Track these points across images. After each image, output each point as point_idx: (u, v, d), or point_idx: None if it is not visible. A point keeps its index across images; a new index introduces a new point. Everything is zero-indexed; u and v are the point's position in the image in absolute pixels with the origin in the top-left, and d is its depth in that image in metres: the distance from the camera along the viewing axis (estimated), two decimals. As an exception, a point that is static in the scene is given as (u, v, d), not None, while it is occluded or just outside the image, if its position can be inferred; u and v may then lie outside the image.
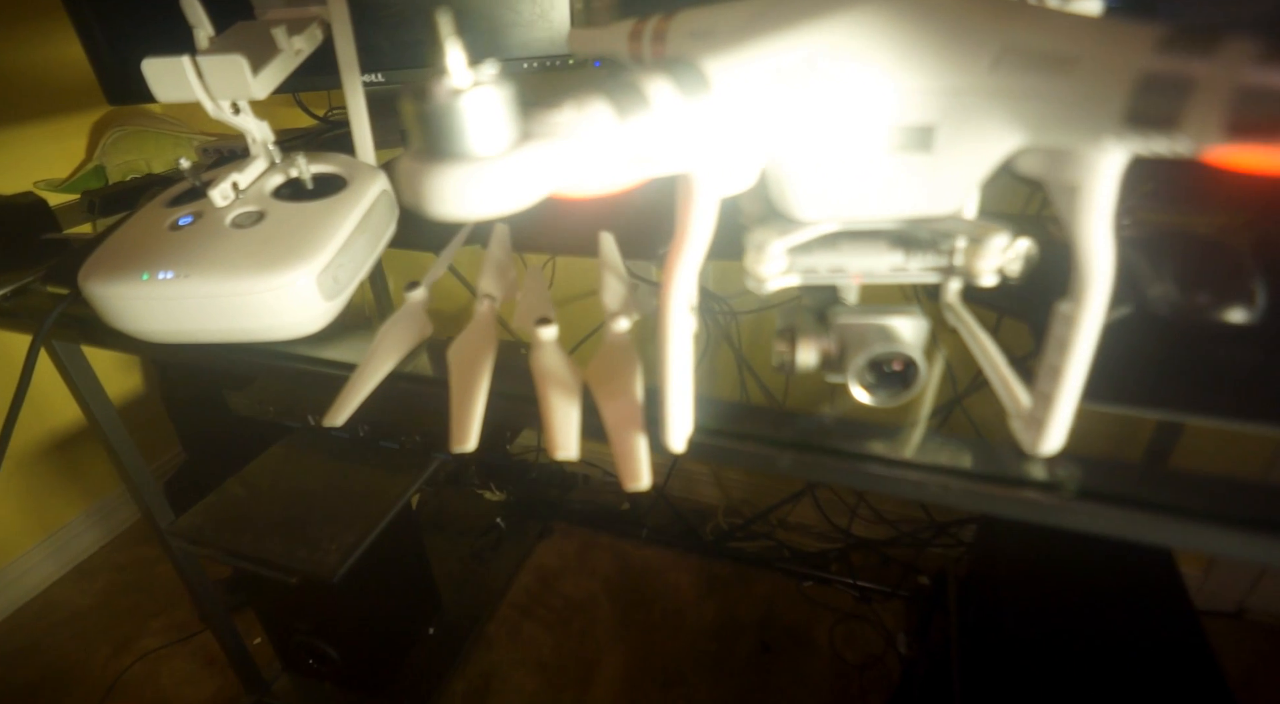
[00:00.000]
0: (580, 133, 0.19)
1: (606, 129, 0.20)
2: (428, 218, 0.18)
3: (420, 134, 0.17)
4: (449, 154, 0.17)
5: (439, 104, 0.17)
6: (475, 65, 0.18)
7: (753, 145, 0.24)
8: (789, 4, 0.25)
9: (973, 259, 0.26)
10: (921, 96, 0.23)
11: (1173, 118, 0.19)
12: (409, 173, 0.18)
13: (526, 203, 0.19)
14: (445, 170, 0.17)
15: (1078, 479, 0.29)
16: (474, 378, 0.36)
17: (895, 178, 0.25)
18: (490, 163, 0.18)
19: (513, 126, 0.18)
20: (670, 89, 0.21)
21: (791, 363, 0.31)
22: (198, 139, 1.29)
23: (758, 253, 0.27)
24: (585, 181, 0.20)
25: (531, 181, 0.18)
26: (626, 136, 0.20)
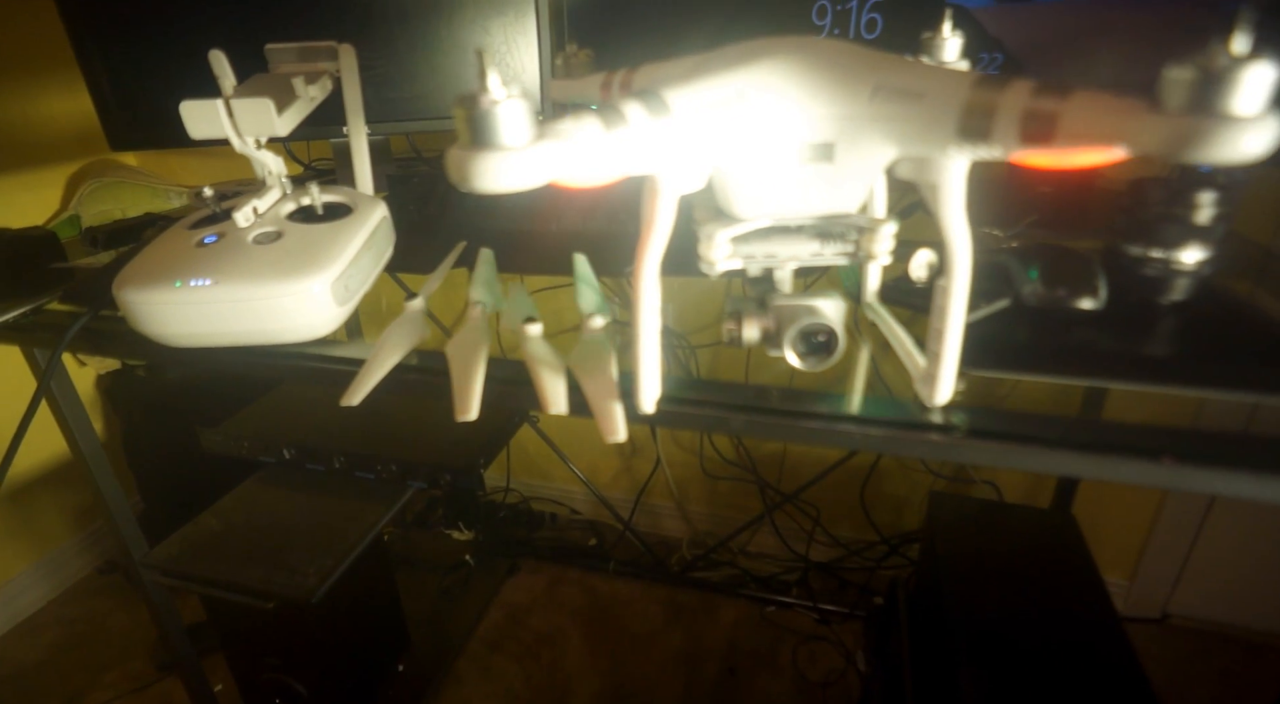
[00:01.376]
0: (577, 137, 0.27)
1: (596, 136, 0.27)
2: (471, 191, 0.25)
3: (467, 131, 0.25)
4: (487, 145, 0.25)
5: (482, 110, 0.24)
6: (506, 85, 0.25)
7: (702, 155, 0.32)
8: (726, 55, 0.34)
9: (870, 244, 0.34)
10: (823, 121, 0.32)
11: (987, 132, 0.27)
12: (459, 160, 0.25)
13: (538, 183, 0.26)
14: (485, 156, 0.24)
15: (967, 422, 0.36)
16: (471, 360, 0.43)
17: (809, 183, 0.34)
18: (515, 153, 0.25)
19: (530, 129, 0.26)
20: (641, 111, 0.29)
21: (739, 338, 0.39)
22: (174, 190, 1.34)
23: (708, 241, 0.34)
24: (579, 174, 0.28)
25: (542, 169, 0.26)
26: (610, 143, 0.28)
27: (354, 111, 0.56)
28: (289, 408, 1.05)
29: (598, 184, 0.29)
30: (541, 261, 0.60)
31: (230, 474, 1.02)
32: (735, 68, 0.31)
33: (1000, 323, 0.45)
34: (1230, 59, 0.22)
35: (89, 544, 1.44)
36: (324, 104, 0.85)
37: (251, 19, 0.80)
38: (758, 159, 0.33)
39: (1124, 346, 0.42)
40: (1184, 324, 0.44)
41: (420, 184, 0.77)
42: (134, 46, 0.77)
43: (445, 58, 0.85)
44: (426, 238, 0.65)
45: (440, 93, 0.86)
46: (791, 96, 0.31)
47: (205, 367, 0.49)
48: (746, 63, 0.32)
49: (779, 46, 0.32)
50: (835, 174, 0.33)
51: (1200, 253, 0.44)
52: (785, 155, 0.33)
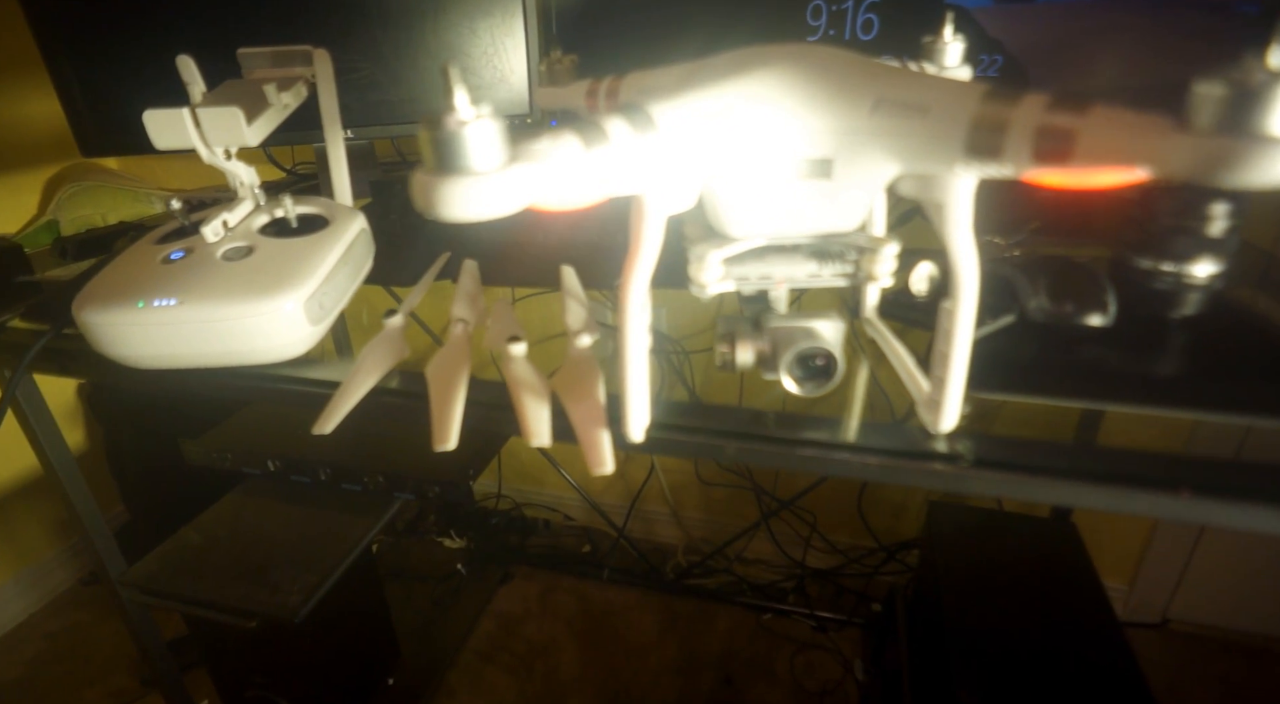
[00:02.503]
0: (555, 158, 0.25)
1: (575, 156, 0.25)
2: (439, 219, 0.23)
3: (433, 154, 0.22)
4: (455, 170, 0.22)
5: (449, 132, 0.22)
6: (476, 103, 0.23)
7: (691, 173, 0.30)
8: (716, 65, 0.31)
9: (870, 265, 0.32)
10: (820, 135, 0.30)
11: (997, 149, 0.25)
12: (424, 185, 0.22)
13: (512, 210, 0.24)
14: (452, 182, 0.22)
15: (973, 451, 0.34)
16: (451, 386, 0.40)
17: (806, 200, 0.32)
18: (486, 177, 0.23)
19: (503, 150, 0.23)
20: (625, 127, 0.26)
21: (732, 362, 0.37)
22: (155, 194, 1.31)
23: (699, 262, 0.32)
24: (558, 197, 0.25)
25: (516, 193, 0.24)
26: (591, 163, 0.25)
27: (330, 118, 0.54)
28: (274, 418, 1.02)
29: (579, 207, 0.27)
30: (528, 274, 0.58)
31: (216, 483, 1.00)
32: (726, 79, 0.29)
33: (1005, 340, 0.43)
34: (1267, 74, 0.20)
35: (72, 555, 1.42)
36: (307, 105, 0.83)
37: (229, 21, 0.78)
38: (751, 176, 0.31)
39: (1136, 366, 0.40)
40: (1197, 341, 0.42)
41: (404, 190, 0.74)
42: (105, 48, 0.74)
43: (431, 60, 0.82)
44: (409, 248, 0.62)
45: (426, 96, 0.84)
46: (787, 109, 0.29)
47: (172, 388, 0.47)
48: (738, 73, 0.29)
49: (773, 56, 0.30)
50: (833, 191, 0.31)
51: (1213, 266, 0.42)
52: (780, 171, 0.31)
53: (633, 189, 0.28)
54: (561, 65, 0.46)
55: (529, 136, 0.25)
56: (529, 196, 0.24)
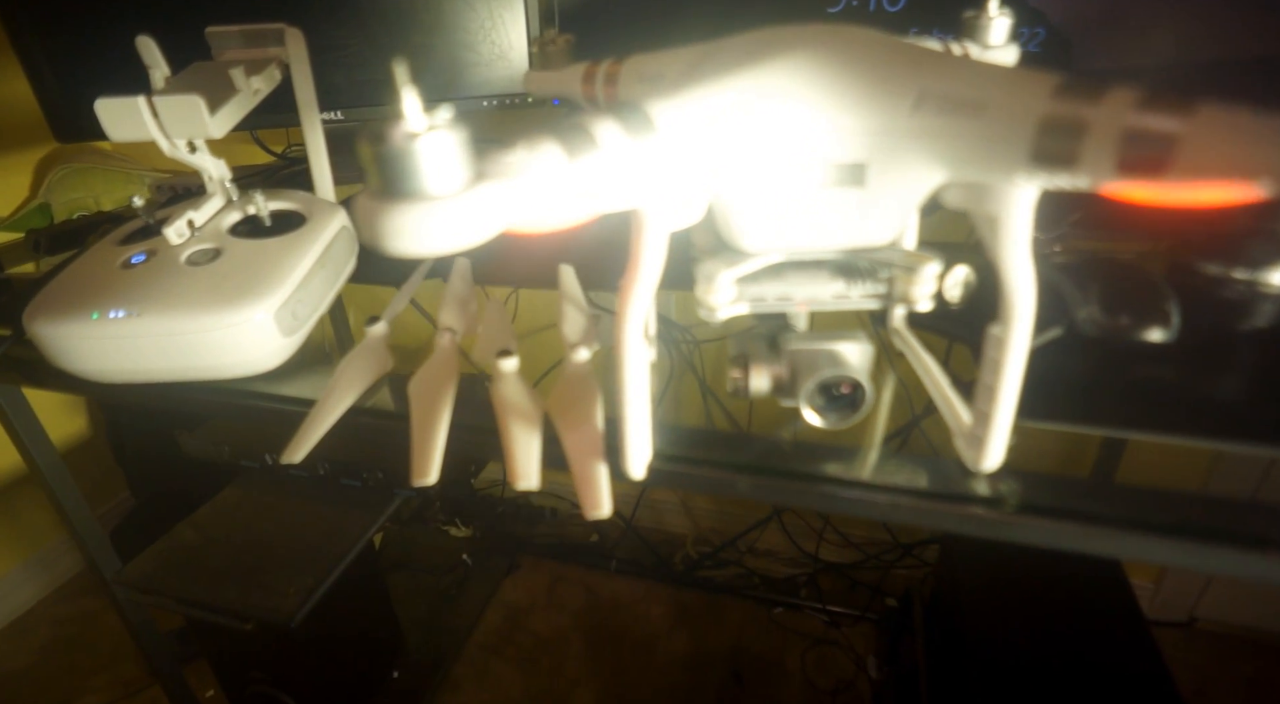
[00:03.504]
0: (532, 172, 0.20)
1: (557, 168, 0.21)
2: (386, 255, 0.19)
3: (377, 175, 0.18)
4: (405, 194, 0.18)
5: (395, 147, 0.18)
6: (431, 109, 0.19)
7: (697, 182, 0.25)
8: (728, 51, 0.27)
9: (908, 286, 0.28)
10: (851, 136, 0.25)
11: (1071, 157, 0.21)
12: (367, 212, 0.18)
13: (480, 240, 0.19)
14: (402, 209, 0.18)
15: (1019, 494, 0.30)
16: (435, 411, 0.37)
17: (833, 211, 0.27)
18: (444, 202, 0.18)
19: (466, 167, 0.19)
20: (617, 130, 0.22)
21: (745, 388, 0.32)
22: (149, 176, 1.27)
23: (707, 283, 0.28)
24: (537, 218, 0.21)
25: (485, 219, 0.19)
26: (576, 175, 0.21)
27: (306, 104, 0.50)
28: (271, 410, 0.99)
29: (563, 228, 0.22)
30: (524, 273, 0.54)
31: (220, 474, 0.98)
32: (739, 68, 0.25)
33: (1051, 356, 0.38)
34: None
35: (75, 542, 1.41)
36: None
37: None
38: (769, 184, 0.26)
39: (1205, 390, 0.35)
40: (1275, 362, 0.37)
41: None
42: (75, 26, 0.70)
43: (425, 35, 0.77)
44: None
45: (421, 73, 0.79)
46: (812, 106, 0.25)
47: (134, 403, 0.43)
48: (753, 61, 0.25)
49: (794, 39, 0.25)
50: (866, 201, 0.26)
51: (1292, 274, 0.37)
52: (804, 178, 0.26)
53: (629, 204, 0.24)
54: (555, 46, 0.41)
55: (500, 147, 0.21)
56: (500, 222, 0.20)
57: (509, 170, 0.20)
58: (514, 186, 0.20)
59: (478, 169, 0.19)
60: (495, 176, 0.20)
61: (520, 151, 0.20)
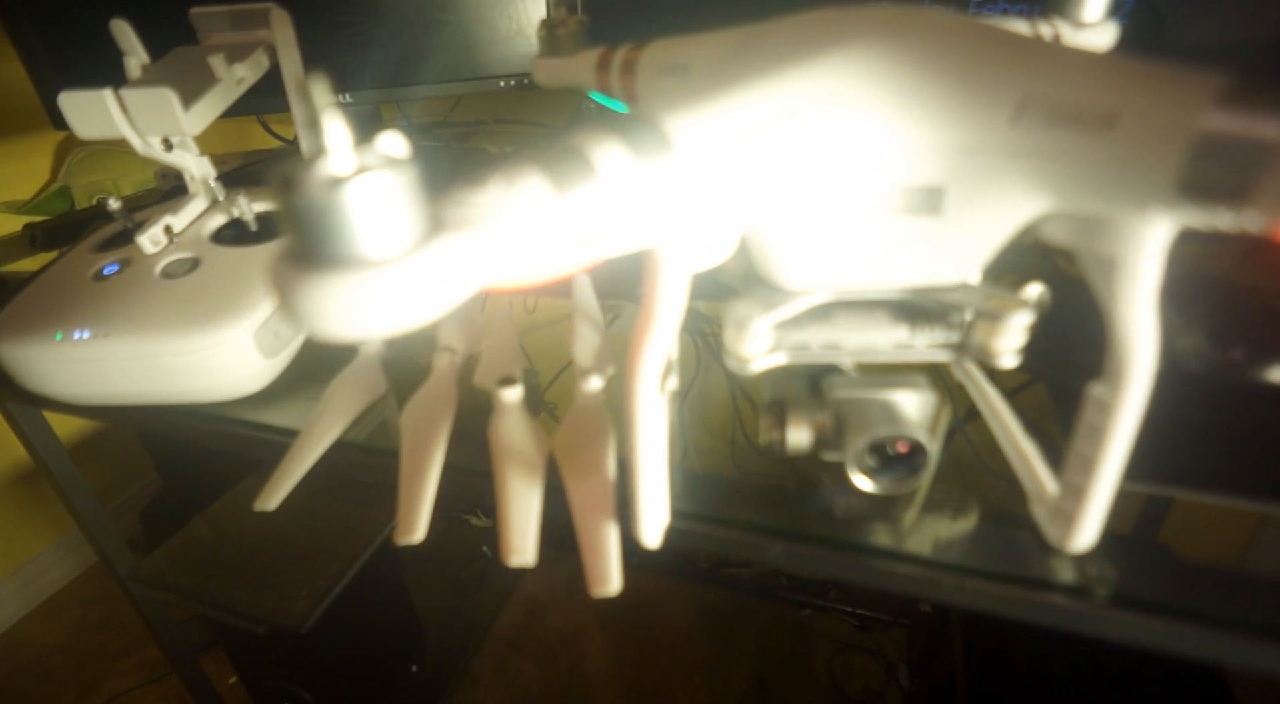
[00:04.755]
0: (508, 216, 0.15)
1: (542, 207, 0.16)
2: (318, 338, 0.14)
3: (293, 234, 0.13)
4: (330, 260, 0.13)
5: (314, 198, 0.13)
6: (369, 140, 0.14)
7: (728, 211, 0.20)
8: (769, 41, 0.21)
9: (989, 337, 0.22)
10: (927, 154, 0.19)
11: (1240, 189, 0.15)
12: (283, 283, 0.14)
13: (440, 311, 0.15)
14: (326, 281, 0.13)
15: (1112, 582, 0.25)
16: (426, 452, 0.32)
17: (897, 243, 0.22)
18: (387, 268, 0.14)
19: (418, 217, 0.14)
20: (621, 152, 0.17)
21: (782, 442, 0.27)
22: (168, 157, 1.24)
23: (739, 331, 0.23)
24: (518, 273, 0.16)
25: (445, 285, 0.14)
26: (568, 214, 0.16)
27: (295, 93, 0.45)
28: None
29: (553, 280, 0.18)
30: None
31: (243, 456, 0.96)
32: (784, 67, 0.19)
33: (1145, 398, 0.32)
34: None
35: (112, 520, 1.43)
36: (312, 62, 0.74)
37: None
38: (818, 211, 0.21)
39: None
40: None
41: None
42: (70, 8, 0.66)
43: (438, 11, 0.72)
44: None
45: (436, 52, 0.74)
46: (877, 116, 0.19)
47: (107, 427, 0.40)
48: (803, 57, 0.19)
49: (857, 27, 0.20)
50: (940, 232, 0.21)
51: None
52: (862, 204, 0.21)
53: (637, 244, 0.19)
54: (566, 29, 0.35)
55: (465, 184, 0.16)
56: (467, 285, 0.15)
57: (477, 216, 0.15)
58: (484, 238, 0.15)
59: (434, 218, 0.15)
60: (458, 226, 0.15)
61: (493, 188, 0.16)
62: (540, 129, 0.86)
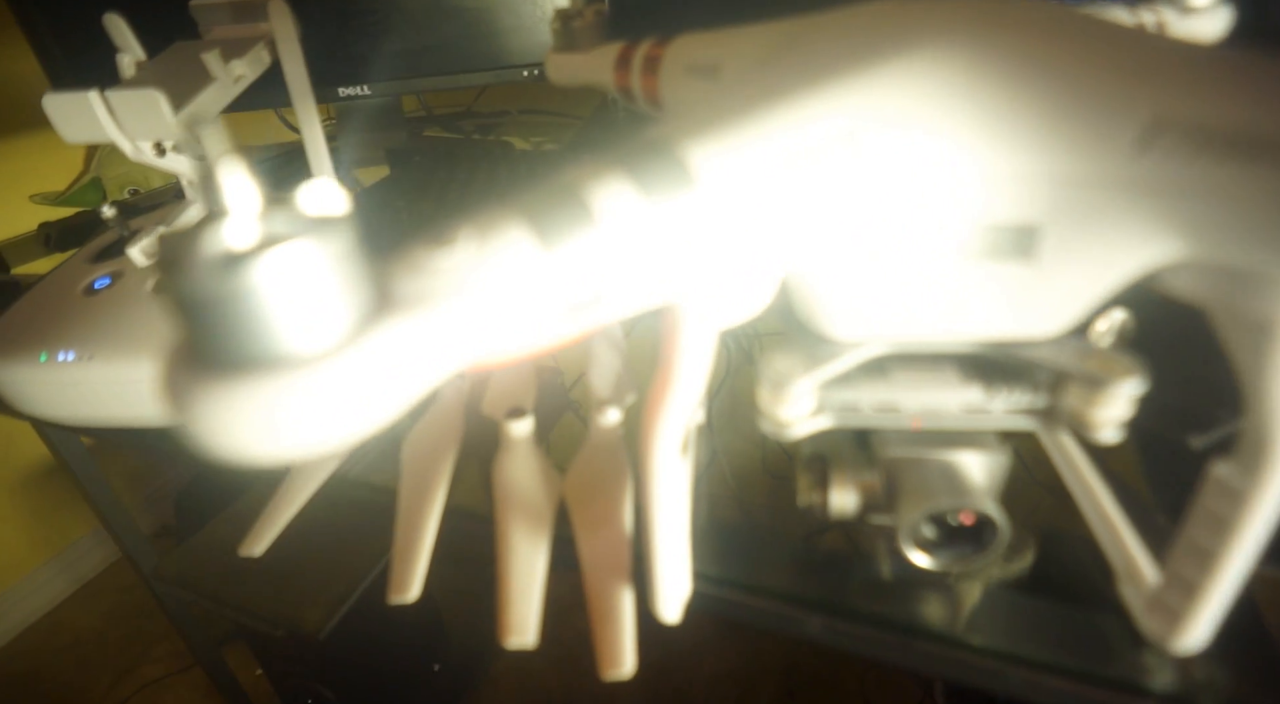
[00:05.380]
0: (481, 283, 0.12)
1: (526, 268, 0.12)
2: (225, 460, 0.11)
3: (187, 328, 0.10)
4: (238, 362, 0.10)
5: (206, 282, 0.10)
6: (287, 195, 0.11)
7: (765, 257, 0.16)
8: (821, 42, 0.17)
9: (1085, 406, 0.18)
10: (1020, 186, 0.15)
11: None
12: (177, 392, 0.10)
13: (395, 413, 0.11)
14: (233, 390, 0.10)
15: (1224, 692, 0.21)
16: (425, 495, 0.29)
17: (974, 291, 0.18)
18: (315, 369, 0.10)
19: (359, 294, 0.11)
20: (629, 191, 0.13)
21: (823, 506, 0.24)
22: (197, 148, 1.24)
23: (775, 392, 0.19)
24: (495, 351, 0.13)
25: (397, 381, 0.11)
26: (559, 274, 0.13)
27: (299, 92, 0.42)
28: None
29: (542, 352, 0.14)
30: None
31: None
32: (836, 77, 0.15)
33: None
34: None
35: (146, 507, 1.45)
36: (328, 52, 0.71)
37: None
38: (877, 255, 0.17)
39: None
40: None
41: (423, 164, 0.62)
42: None
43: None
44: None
45: (457, 41, 0.70)
46: (956, 138, 0.15)
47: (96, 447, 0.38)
48: (860, 64, 0.15)
49: (930, 23, 0.16)
50: (1032, 281, 0.17)
51: None
52: (932, 245, 0.17)
53: (649, 302, 0.15)
54: (583, 20, 0.31)
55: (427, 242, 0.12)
56: (429, 377, 0.12)
57: (440, 287, 0.12)
58: (449, 316, 0.11)
59: (383, 292, 0.11)
60: (415, 302, 0.11)
61: (461, 247, 0.12)
62: (567, 120, 0.82)
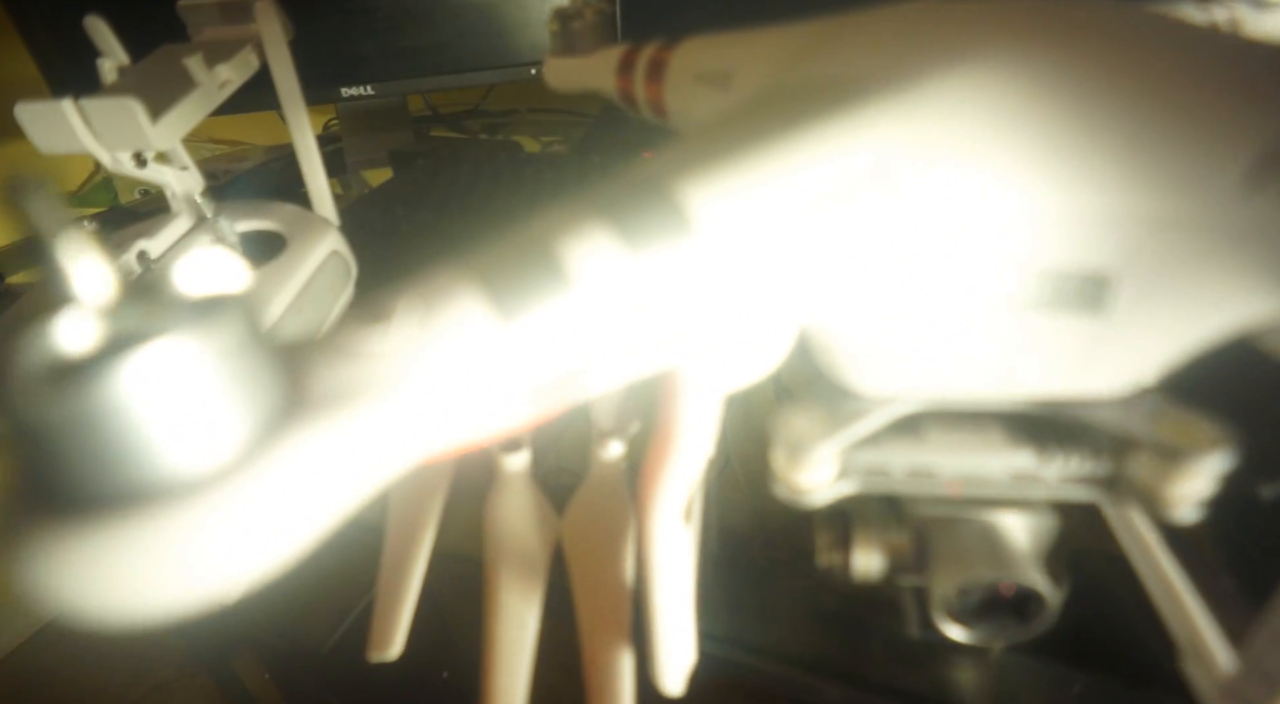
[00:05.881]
0: (423, 368, 0.09)
1: (480, 346, 0.10)
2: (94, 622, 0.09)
3: (22, 459, 0.08)
4: (89, 498, 0.08)
5: (30, 405, 0.07)
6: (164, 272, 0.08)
7: (779, 310, 0.14)
8: (847, 52, 0.15)
9: (1159, 480, 0.15)
10: (1091, 228, 0.13)
11: None
12: (15, 540, 0.08)
13: (315, 538, 0.09)
14: (83, 534, 0.08)
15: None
16: (412, 538, 0.27)
17: (1029, 345, 0.15)
18: (187, 502, 0.08)
19: (259, 397, 0.08)
20: (612, 246, 0.11)
21: (844, 567, 0.21)
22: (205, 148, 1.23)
23: (793, 457, 0.17)
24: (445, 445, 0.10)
25: (312, 500, 0.09)
26: (522, 349, 0.10)
27: (288, 96, 0.40)
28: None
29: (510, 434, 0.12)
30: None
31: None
32: (866, 98, 0.13)
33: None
34: None
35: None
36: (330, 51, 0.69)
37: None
38: (913, 305, 0.14)
39: None
40: None
41: (426, 167, 0.60)
42: None
43: (467, -8, 0.66)
44: (412, 260, 0.49)
45: (464, 38, 0.68)
46: (1012, 173, 0.12)
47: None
48: (895, 82, 0.13)
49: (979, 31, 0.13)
50: (1102, 335, 0.14)
51: None
52: (982, 296, 0.14)
53: (641, 373, 0.12)
54: (583, 21, 0.29)
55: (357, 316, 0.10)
56: (359, 489, 0.09)
57: (370, 378, 0.09)
58: (381, 415, 0.09)
59: (295, 389, 0.09)
60: (334, 402, 0.09)
61: (400, 324, 0.10)
62: (577, 118, 0.79)
